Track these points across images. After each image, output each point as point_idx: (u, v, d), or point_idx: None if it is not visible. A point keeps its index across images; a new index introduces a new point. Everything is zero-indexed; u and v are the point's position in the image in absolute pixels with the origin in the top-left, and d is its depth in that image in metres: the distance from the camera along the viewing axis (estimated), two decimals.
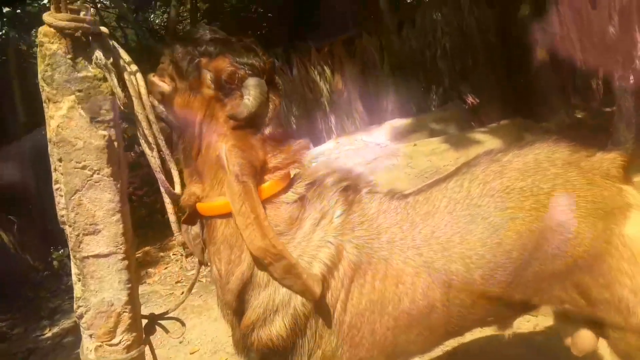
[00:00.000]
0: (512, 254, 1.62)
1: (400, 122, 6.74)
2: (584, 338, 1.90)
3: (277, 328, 1.49)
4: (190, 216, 1.68)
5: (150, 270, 5.15)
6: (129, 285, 1.81)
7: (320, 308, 1.51)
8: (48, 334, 4.11)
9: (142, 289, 4.66)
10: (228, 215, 1.52)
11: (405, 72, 8.04)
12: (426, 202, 1.68)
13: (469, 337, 2.88)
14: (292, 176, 1.62)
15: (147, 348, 2.02)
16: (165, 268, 5.13)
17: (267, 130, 1.57)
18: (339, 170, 1.71)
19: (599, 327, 1.81)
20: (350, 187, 1.67)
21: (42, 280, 5.06)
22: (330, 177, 1.66)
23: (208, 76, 1.52)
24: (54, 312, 4.48)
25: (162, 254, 5.52)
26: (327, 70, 7.97)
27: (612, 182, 1.72)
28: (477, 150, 3.71)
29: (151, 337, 2.08)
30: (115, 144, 1.66)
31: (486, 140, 5.45)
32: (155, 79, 1.62)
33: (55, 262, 5.08)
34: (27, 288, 4.89)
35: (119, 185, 1.68)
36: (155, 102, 1.61)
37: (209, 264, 1.68)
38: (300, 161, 1.63)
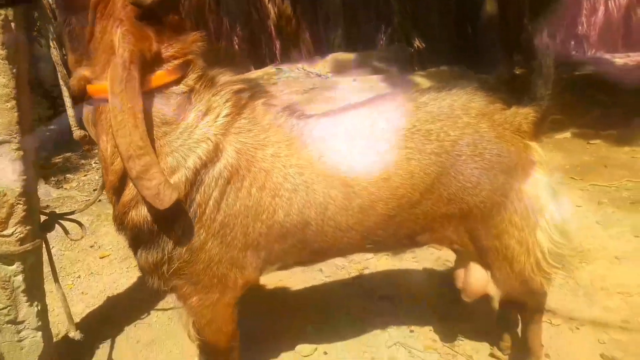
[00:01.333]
0: (398, 191, 1.65)
1: (344, 56, 6.70)
2: (473, 286, 1.98)
3: (146, 210, 1.51)
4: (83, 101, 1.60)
5: (69, 175, 4.97)
6: (25, 177, 1.74)
7: (190, 201, 1.52)
8: None
9: (58, 192, 4.50)
10: None
11: (357, 7, 7.88)
12: (326, 126, 1.67)
13: (381, 268, 3.01)
14: (186, 68, 1.56)
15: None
16: (85, 175, 4.96)
17: (164, 20, 1.51)
18: (235, 74, 1.67)
19: (486, 268, 1.90)
20: (246, 91, 1.65)
21: None
22: (225, 75, 1.63)
23: None
24: None
25: (83, 161, 5.32)
26: None
27: (521, 138, 1.73)
28: None
29: (63, 240, 2.04)
30: (13, 24, 1.53)
31: (424, 84, 5.51)
32: None
33: None
34: None
35: (15, 70, 1.58)
36: None
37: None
38: (196, 52, 1.58)
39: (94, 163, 5.24)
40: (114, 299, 2.79)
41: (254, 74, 6.22)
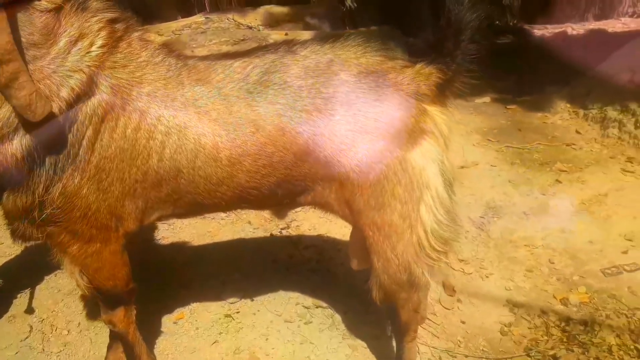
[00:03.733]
0: (266, 148, 1.56)
1: (277, 10, 6.58)
2: (358, 256, 1.90)
3: (13, 148, 1.39)
4: None
5: None
6: None
7: (62, 140, 1.42)
8: None
9: None
10: None
11: None
12: (204, 71, 1.58)
13: (308, 219, 3.07)
14: None
15: None
16: None
17: None
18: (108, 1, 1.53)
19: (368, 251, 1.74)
20: (121, 21, 1.54)
21: None
22: (96, 1, 1.50)
23: None
24: None
25: None
26: None
27: (416, 102, 1.58)
28: None
29: None
30: None
31: None
32: None
33: None
34: None
35: None
36: None
37: None
38: None
39: None
40: (32, 249, 2.67)
41: (182, 22, 5.98)
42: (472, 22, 1.53)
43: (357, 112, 1.55)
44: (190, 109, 1.52)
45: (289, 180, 1.64)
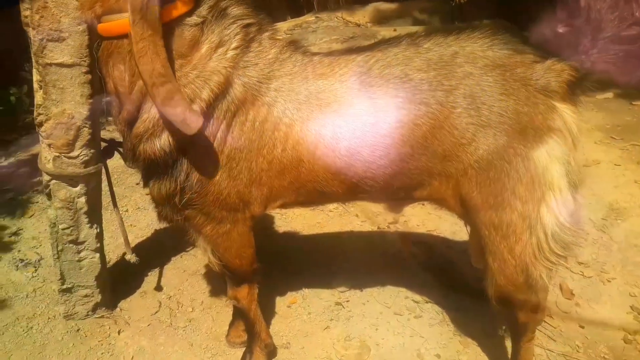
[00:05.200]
0: (385, 140, 1.58)
1: (385, 6, 6.56)
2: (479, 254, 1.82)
3: (161, 143, 1.57)
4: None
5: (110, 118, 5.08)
6: (91, 101, 1.83)
7: (202, 133, 1.55)
8: (3, 162, 4.09)
9: (103, 133, 4.64)
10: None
11: None
12: (328, 66, 1.64)
13: (417, 215, 3.06)
14: None
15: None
16: None
17: None
18: (245, 6, 1.66)
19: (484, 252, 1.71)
20: (254, 25, 1.65)
21: None
22: (235, 8, 1.63)
23: None
24: (8, 144, 4.41)
25: None
26: None
27: (545, 98, 1.52)
28: None
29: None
30: None
31: None
32: None
33: (12, 98, 4.87)
34: None
35: None
36: None
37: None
38: None
39: None
40: (161, 232, 2.93)
41: (292, 22, 6.18)
42: (613, 21, 1.47)
43: (481, 106, 1.53)
44: (312, 102, 1.61)
45: (405, 173, 1.66)
